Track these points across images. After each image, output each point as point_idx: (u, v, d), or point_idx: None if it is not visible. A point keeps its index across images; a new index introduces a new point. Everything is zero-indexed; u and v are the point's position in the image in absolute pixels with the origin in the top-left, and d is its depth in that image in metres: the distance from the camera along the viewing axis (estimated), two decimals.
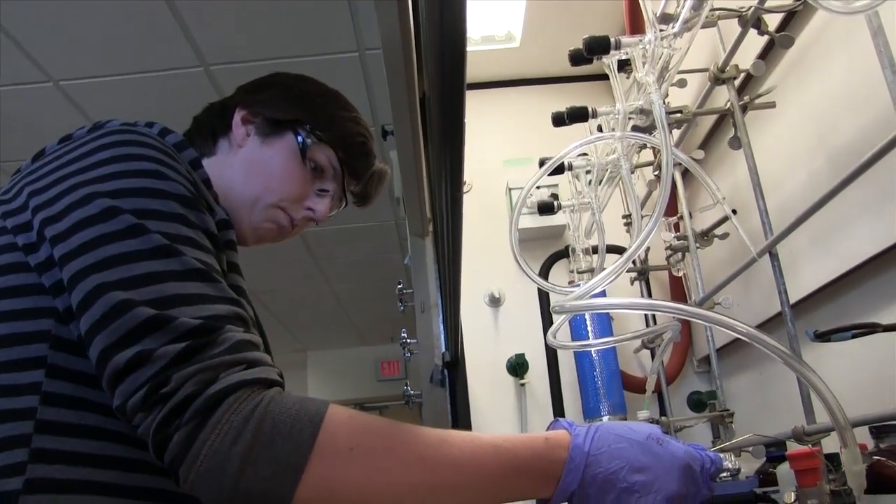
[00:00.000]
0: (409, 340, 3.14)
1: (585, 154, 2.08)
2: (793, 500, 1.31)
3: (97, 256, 0.82)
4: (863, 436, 1.39)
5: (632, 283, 2.68)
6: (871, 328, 1.03)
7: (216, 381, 0.76)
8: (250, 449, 0.74)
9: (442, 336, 2.48)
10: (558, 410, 2.67)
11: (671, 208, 2.29)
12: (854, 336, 1.03)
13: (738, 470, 1.63)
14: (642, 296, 2.66)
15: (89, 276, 0.81)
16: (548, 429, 0.92)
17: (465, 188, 2.92)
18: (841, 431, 0.89)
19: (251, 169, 1.17)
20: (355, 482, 0.79)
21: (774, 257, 1.64)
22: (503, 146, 3.06)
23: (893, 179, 1.39)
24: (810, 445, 1.51)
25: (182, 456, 0.74)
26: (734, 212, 1.86)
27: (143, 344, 0.77)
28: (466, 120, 2.75)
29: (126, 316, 0.78)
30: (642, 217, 2.08)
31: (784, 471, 1.50)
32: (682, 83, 1.91)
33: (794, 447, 1.51)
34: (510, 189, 2.87)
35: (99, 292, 0.80)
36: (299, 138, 1.18)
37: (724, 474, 1.60)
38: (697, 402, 2.57)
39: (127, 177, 0.88)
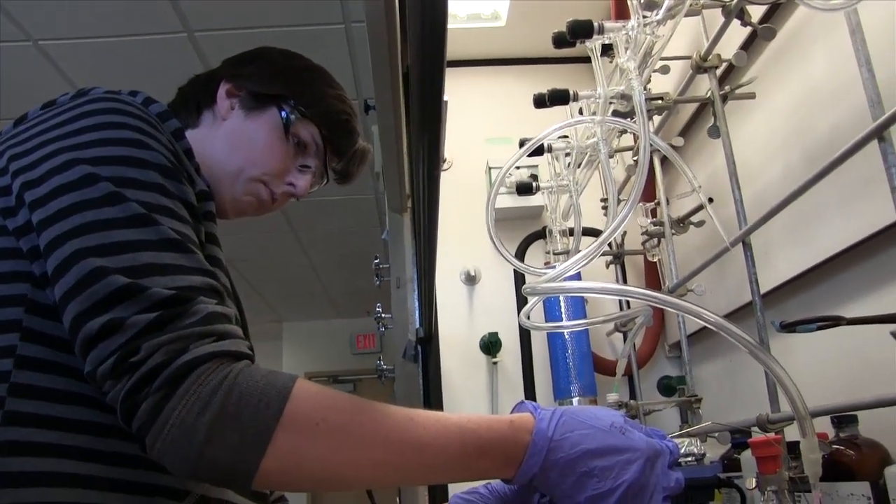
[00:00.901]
0: (383, 315, 3.15)
1: (566, 136, 2.09)
2: (754, 485, 1.34)
3: (74, 223, 0.82)
4: (826, 425, 1.42)
5: (607, 266, 2.70)
6: (836, 321, 1.05)
7: (186, 352, 0.77)
8: (217, 419, 0.75)
9: (416, 312, 2.48)
10: (529, 390, 2.69)
11: (649, 194, 2.30)
12: (819, 328, 1.05)
13: (703, 455, 1.65)
14: (617, 279, 2.68)
15: (66, 243, 0.81)
16: (512, 411, 0.93)
17: (446, 165, 2.93)
18: (801, 421, 0.91)
19: (234, 142, 1.17)
20: (320, 457, 0.80)
21: (747, 247, 1.66)
22: (486, 124, 3.06)
23: (865, 176, 1.41)
24: (773, 434, 1.54)
25: (149, 424, 0.75)
26: (710, 200, 1.88)
27: (114, 312, 0.78)
28: (450, 97, 2.74)
29: (100, 284, 0.79)
30: (619, 202, 2.09)
31: (747, 457, 1.53)
32: (664, 69, 1.92)
33: (758, 434, 1.54)
34: (490, 168, 2.87)
35: (75, 259, 0.80)
36: (283, 113, 1.18)
37: (689, 458, 1.62)
38: (667, 387, 2.60)
39: (108, 145, 0.89)
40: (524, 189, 2.44)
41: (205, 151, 1.14)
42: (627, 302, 2.62)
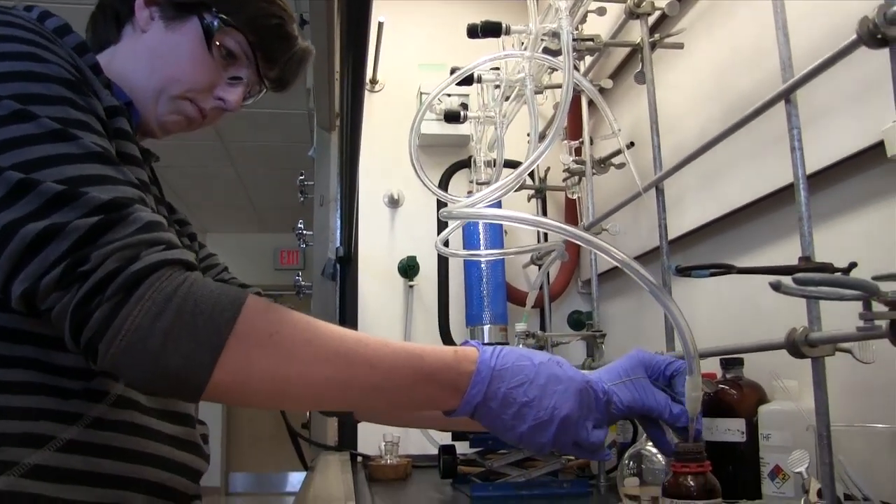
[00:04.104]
0: (305, 232, 3.16)
1: (497, 68, 2.10)
2: None
3: None
4: (716, 366, 1.50)
5: (528, 200, 2.73)
6: (727, 269, 1.10)
7: (138, 259, 0.76)
8: (173, 325, 0.75)
9: (338, 231, 2.51)
10: (443, 314, 2.74)
11: (576, 132, 2.34)
12: (711, 274, 1.10)
13: None
14: (537, 214, 2.73)
15: None
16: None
17: (378, 87, 2.92)
18: (689, 360, 0.97)
19: (155, 57, 1.11)
20: (271, 368, 0.80)
21: (660, 193, 1.71)
22: (420, 49, 3.02)
23: (775, 135, 1.47)
24: None
25: (103, 331, 0.74)
26: (631, 144, 1.93)
27: (52, 218, 0.75)
28: (386, 18, 2.72)
29: (33, 192, 0.76)
30: (543, 137, 2.13)
31: None
32: (601, 11, 1.94)
33: None
34: (422, 93, 2.86)
35: None
36: (204, 22, 1.10)
37: None
38: (576, 322, 2.68)
39: (1, 61, 0.84)
40: (452, 117, 2.45)
41: (126, 70, 1.09)
42: (545, 236, 2.67)
